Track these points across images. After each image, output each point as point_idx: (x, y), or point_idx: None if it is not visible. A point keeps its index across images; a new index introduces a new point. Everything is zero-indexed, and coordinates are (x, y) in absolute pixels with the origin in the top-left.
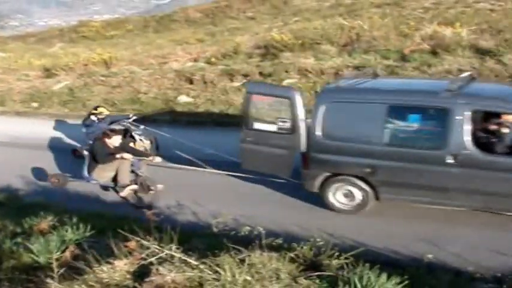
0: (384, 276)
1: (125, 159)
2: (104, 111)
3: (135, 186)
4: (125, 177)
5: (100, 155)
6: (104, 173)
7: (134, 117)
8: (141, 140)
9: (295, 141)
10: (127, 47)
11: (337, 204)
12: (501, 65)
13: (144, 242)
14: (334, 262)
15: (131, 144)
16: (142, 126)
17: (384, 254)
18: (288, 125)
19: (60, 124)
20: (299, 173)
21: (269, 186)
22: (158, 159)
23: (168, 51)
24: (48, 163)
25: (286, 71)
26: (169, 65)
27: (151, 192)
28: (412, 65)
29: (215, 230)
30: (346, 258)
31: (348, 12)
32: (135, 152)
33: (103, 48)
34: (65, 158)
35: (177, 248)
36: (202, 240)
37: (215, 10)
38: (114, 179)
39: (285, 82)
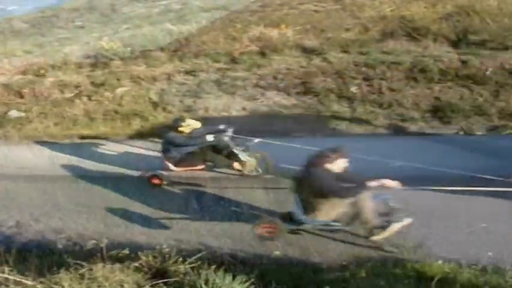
0: (229, 276)
1: (388, 187)
2: (194, 124)
3: (398, 225)
4: (371, 213)
5: (335, 188)
6: (333, 211)
7: (231, 129)
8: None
9: None
10: None
11: None
12: (327, 62)
13: None
14: (181, 268)
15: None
16: (256, 140)
17: (232, 254)
18: None
19: None
20: None
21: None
22: (392, 184)
23: None
24: None
25: (118, 79)
26: None
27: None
28: (242, 66)
29: (60, 246)
30: (191, 262)
31: (177, 17)
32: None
33: None
34: None
35: (11, 270)
36: (43, 259)
37: (41, 20)
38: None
39: (118, 90)
